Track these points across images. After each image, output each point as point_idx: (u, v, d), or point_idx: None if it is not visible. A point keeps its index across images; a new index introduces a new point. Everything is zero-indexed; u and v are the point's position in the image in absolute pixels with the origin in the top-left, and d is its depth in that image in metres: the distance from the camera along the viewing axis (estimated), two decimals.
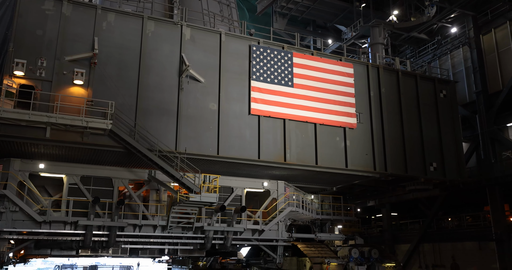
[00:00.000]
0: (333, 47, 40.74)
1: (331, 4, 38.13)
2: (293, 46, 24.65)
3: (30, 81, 18.46)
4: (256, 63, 22.90)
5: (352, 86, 24.97)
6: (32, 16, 19.25)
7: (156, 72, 20.91)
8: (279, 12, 38.80)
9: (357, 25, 36.64)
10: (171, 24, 21.77)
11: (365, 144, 24.90)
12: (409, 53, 40.70)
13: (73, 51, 19.46)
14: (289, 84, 23.37)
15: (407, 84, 27.19)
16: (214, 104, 21.67)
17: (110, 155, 19.67)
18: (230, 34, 23.11)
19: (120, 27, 20.75)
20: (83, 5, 20.40)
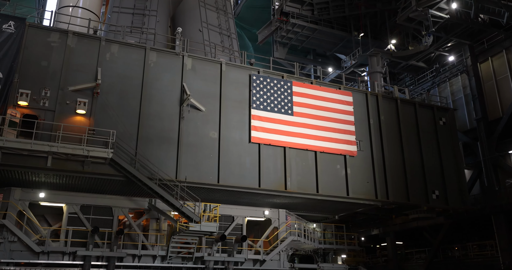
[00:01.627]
0: (333, 75, 41.30)
1: (330, 33, 38.88)
2: (292, 75, 25.03)
3: (33, 111, 18.76)
4: (256, 91, 23.21)
5: (352, 114, 25.19)
6: (37, 48, 19.75)
7: (158, 101, 21.21)
8: (280, 41, 39.50)
9: (356, 54, 37.23)
10: (173, 55, 22.22)
11: (366, 171, 24.90)
12: (408, 81, 41.17)
13: (76, 81, 19.83)
14: (289, 112, 23.61)
15: (406, 111, 27.42)
16: (215, 133, 21.85)
17: (111, 184, 19.73)
18: (230, 64, 23.53)
19: (123, 57, 21.19)
20: (88, 37, 20.92)
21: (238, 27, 48.02)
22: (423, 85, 38.58)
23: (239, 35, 47.28)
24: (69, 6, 25.79)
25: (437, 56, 36.79)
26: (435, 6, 30.70)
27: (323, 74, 41.84)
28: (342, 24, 39.79)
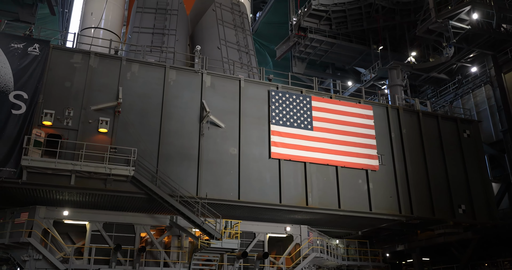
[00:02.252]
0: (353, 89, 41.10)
1: (348, 47, 38.86)
2: (311, 90, 25.01)
3: (57, 130, 19.17)
4: (275, 107, 23.26)
5: (373, 128, 24.95)
6: (61, 69, 20.26)
7: (178, 118, 21.43)
8: (298, 56, 39.69)
9: (375, 67, 37.03)
10: (192, 73, 22.50)
11: (389, 186, 24.52)
12: (430, 93, 40.64)
13: (98, 100, 20.23)
14: (309, 127, 23.53)
15: (428, 124, 27.03)
16: (235, 149, 21.91)
17: (132, 201, 19.91)
18: (249, 80, 23.68)
19: (144, 76, 21.56)
20: (109, 57, 21.38)
21: (257, 43, 48.51)
22: (445, 97, 38.03)
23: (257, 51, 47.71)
24: (91, 28, 26.45)
25: (459, 67, 36.26)
26: (455, 17, 30.41)
27: (342, 88, 41.74)
28: (360, 37, 39.75)
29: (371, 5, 36.85)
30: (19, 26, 30.23)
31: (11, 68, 18.99)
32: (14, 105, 18.42)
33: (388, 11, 37.47)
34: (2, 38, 19.44)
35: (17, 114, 18.35)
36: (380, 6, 36.74)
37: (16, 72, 18.96)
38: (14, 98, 18.51)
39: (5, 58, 19.02)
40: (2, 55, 19.04)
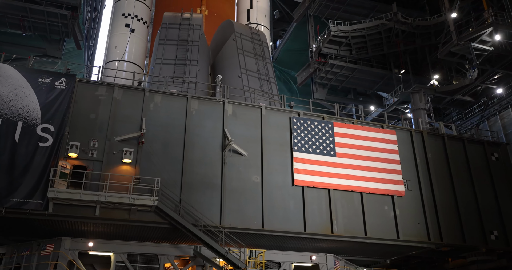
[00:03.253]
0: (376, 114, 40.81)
1: (369, 72, 38.82)
2: (333, 116, 24.93)
3: (82, 161, 19.50)
4: (297, 134, 23.22)
5: (397, 152, 24.59)
6: (86, 102, 20.78)
7: (200, 147, 21.57)
8: (319, 82, 39.80)
9: (397, 91, 36.78)
10: (214, 102, 22.76)
11: (416, 212, 23.93)
12: (455, 116, 40.00)
13: (122, 131, 20.57)
14: (332, 153, 23.34)
15: (454, 148, 26.48)
16: (257, 177, 21.84)
17: (156, 231, 19.90)
18: (270, 108, 23.79)
19: (166, 106, 21.90)
20: (133, 89, 21.86)
21: (278, 70, 48.95)
22: (471, 120, 37.33)
23: (279, 78, 48.19)
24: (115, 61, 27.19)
25: (484, 89, 35.70)
26: (477, 39, 30.20)
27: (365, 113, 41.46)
28: (381, 62, 39.71)
29: (391, 30, 36.92)
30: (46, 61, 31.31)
31: (39, 102, 19.57)
32: (41, 138, 18.88)
33: (408, 35, 37.44)
34: (30, 74, 20.12)
35: (44, 146, 18.78)
36: (400, 30, 36.77)
37: (43, 105, 19.52)
38: (41, 131, 18.99)
39: (33, 92, 19.64)
40: (31, 90, 19.67)
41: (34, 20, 32.52)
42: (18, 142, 18.44)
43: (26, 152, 18.39)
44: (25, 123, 18.91)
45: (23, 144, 18.47)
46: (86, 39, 41.34)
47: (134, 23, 33.67)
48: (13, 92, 19.30)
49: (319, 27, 41.09)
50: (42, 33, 34.07)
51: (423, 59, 39.56)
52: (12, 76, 19.74)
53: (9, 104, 19.04)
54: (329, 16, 40.80)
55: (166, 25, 28.47)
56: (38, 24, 33.03)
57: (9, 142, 18.30)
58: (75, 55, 42.29)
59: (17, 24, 32.65)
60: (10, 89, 19.33)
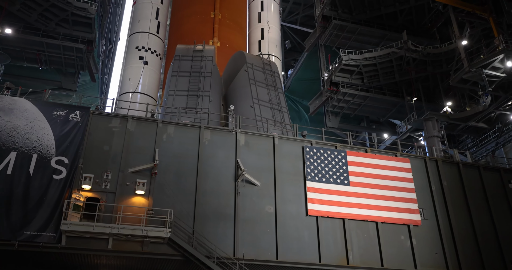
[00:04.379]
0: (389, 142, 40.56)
1: (382, 100, 38.80)
2: (346, 145, 24.83)
3: (96, 193, 19.55)
4: (310, 163, 23.11)
5: (412, 181, 24.27)
6: (100, 134, 21.01)
7: (213, 178, 21.54)
8: (331, 111, 39.81)
9: (410, 118, 36.63)
10: (226, 132, 22.86)
11: (433, 241, 23.39)
12: (470, 143, 39.58)
13: (135, 163, 20.68)
14: (345, 182, 23.13)
15: (470, 176, 26.06)
16: (271, 207, 21.65)
17: (169, 263, 19.69)
18: (282, 137, 23.80)
19: (179, 137, 22.03)
20: (146, 120, 22.10)
21: (290, 99, 49.24)
22: (486, 146, 36.91)
23: (291, 107, 48.39)
24: (129, 92, 27.61)
25: (498, 116, 35.40)
26: (489, 66, 30.19)
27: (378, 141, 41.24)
28: (393, 89, 39.73)
29: (402, 58, 37.09)
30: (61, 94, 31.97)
31: (54, 134, 19.84)
32: (55, 170, 19.04)
33: (419, 63, 37.55)
34: (46, 107, 20.49)
35: (58, 179, 18.91)
36: (411, 58, 36.92)
37: (58, 138, 19.77)
38: (55, 163, 19.17)
39: (48, 125, 19.94)
40: (46, 122, 19.98)
41: (50, 54, 33.46)
42: (32, 174, 18.61)
43: (40, 184, 18.52)
44: (39, 155, 19.13)
45: (37, 177, 18.63)
46: (101, 71, 42.22)
47: (147, 56, 34.40)
48: (28, 125, 19.63)
49: (330, 56, 41.49)
50: (57, 67, 34.94)
51: (435, 86, 39.49)
52: (28, 109, 20.12)
53: (25, 137, 19.33)
54: (340, 45, 41.22)
55: (179, 57, 28.99)
56: (54, 58, 33.93)
57: (23, 175, 18.49)
58: (89, 87, 43.12)
59: (34, 58, 33.59)
60: (26, 122, 19.67)
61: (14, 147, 18.97)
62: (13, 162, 18.63)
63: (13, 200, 17.92)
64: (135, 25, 36.85)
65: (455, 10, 34.89)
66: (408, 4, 39.66)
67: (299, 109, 51.76)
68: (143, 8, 37.33)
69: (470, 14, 34.21)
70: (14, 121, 19.56)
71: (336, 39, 41.07)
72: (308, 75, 47.47)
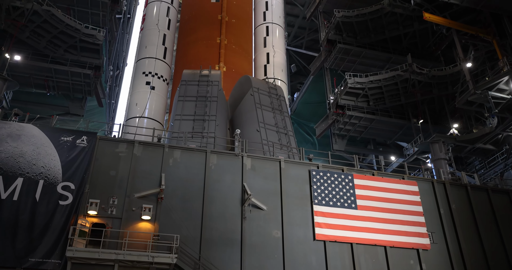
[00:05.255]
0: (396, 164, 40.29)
1: (388, 122, 38.74)
2: (352, 168, 24.71)
3: (102, 219, 19.49)
4: (317, 187, 22.97)
5: (420, 204, 24.01)
6: (107, 159, 21.09)
7: (220, 202, 21.43)
8: (338, 133, 39.73)
9: (417, 140, 36.47)
10: (233, 156, 22.86)
11: (443, 266, 22.97)
12: (478, 165, 39.22)
13: (142, 188, 20.66)
14: (353, 206, 22.92)
15: (478, 198, 25.75)
16: (278, 231, 21.44)
17: None
18: (289, 161, 23.75)
19: (185, 162, 22.05)
20: (152, 145, 22.18)
21: (296, 123, 49.30)
22: (495, 168, 36.54)
23: (297, 130, 48.42)
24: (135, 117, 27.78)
25: (506, 137, 35.09)
26: (494, 88, 30.14)
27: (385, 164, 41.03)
28: (399, 112, 39.70)
29: (407, 81, 37.18)
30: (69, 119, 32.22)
31: (60, 160, 19.95)
32: (62, 196, 19.06)
33: (425, 85, 37.61)
34: (53, 133, 20.67)
35: (64, 204, 18.92)
36: (416, 81, 37.00)
37: (64, 164, 19.87)
38: (61, 189, 19.22)
39: (55, 151, 20.07)
40: (53, 148, 20.11)
41: (58, 80, 33.91)
42: (38, 200, 18.64)
43: (46, 211, 18.51)
44: (46, 181, 19.19)
45: (43, 203, 18.65)
46: (108, 96, 42.66)
47: (154, 81, 34.78)
48: (35, 151, 19.76)
49: (335, 79, 41.67)
50: (65, 92, 35.37)
51: (441, 108, 39.44)
52: (36, 135, 20.29)
53: (31, 163, 19.43)
54: (345, 69, 41.47)
55: (186, 82, 29.27)
56: (62, 84, 34.40)
57: (30, 201, 18.51)
58: (97, 112, 43.50)
59: (42, 84, 34.07)
60: (33, 148, 19.81)
61: (21, 173, 19.07)
62: (20, 188, 18.71)
63: (19, 226, 17.91)
64: (142, 51, 37.39)
65: (459, 33, 35.13)
66: (412, 27, 40.01)
67: (306, 132, 51.76)
68: (150, 34, 37.95)
69: (474, 37, 34.42)
70: (21, 147, 19.70)
71: (341, 62, 41.38)
72: (314, 98, 47.66)
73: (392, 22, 40.01)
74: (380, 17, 39.38)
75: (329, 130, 40.23)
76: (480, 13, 34.31)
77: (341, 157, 38.51)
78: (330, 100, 40.05)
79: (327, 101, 41.08)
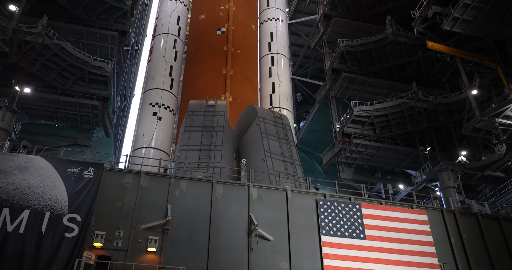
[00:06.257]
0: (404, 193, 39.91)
1: (395, 150, 38.58)
2: (360, 197, 24.47)
3: (107, 251, 19.28)
4: (324, 217, 22.70)
5: (429, 234, 23.57)
6: (113, 190, 21.04)
7: (226, 233, 21.19)
8: (345, 162, 39.57)
9: (425, 168, 36.19)
10: (239, 186, 22.75)
11: None
12: (488, 193, 38.72)
13: (148, 219, 20.51)
14: (361, 236, 22.56)
15: (490, 227, 25.24)
16: (285, 263, 21.06)
17: None
18: (296, 191, 23.58)
19: (191, 192, 21.94)
20: (159, 176, 22.16)
21: (302, 151, 49.22)
22: (506, 196, 36.01)
23: (304, 159, 48.29)
24: (142, 148, 27.91)
25: None
26: (501, 115, 30.09)
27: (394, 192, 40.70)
28: (406, 139, 39.60)
29: (413, 108, 37.24)
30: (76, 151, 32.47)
31: (67, 191, 19.91)
32: (68, 228, 18.94)
33: (431, 113, 37.62)
34: (60, 164, 20.74)
35: (70, 237, 18.76)
36: (422, 108, 37.05)
37: (71, 195, 19.83)
38: (67, 221, 19.10)
39: (62, 182, 20.09)
40: (60, 180, 20.14)
41: (66, 112, 34.29)
42: (44, 233, 18.51)
43: (52, 243, 18.36)
44: (52, 213, 19.13)
45: (49, 235, 18.52)
46: (115, 127, 43.01)
47: (161, 111, 35.13)
48: (42, 183, 19.79)
49: (341, 107, 41.84)
50: (73, 123, 35.70)
51: (448, 136, 39.30)
52: (43, 167, 20.37)
53: (38, 194, 19.43)
54: (350, 97, 41.68)
55: (192, 112, 29.50)
56: (70, 115, 34.77)
57: (35, 233, 18.40)
58: (104, 143, 43.77)
59: (50, 116, 34.44)
60: (40, 180, 19.85)
61: (27, 205, 19.04)
62: (26, 220, 18.62)
63: (24, 260, 17.73)
64: (150, 82, 37.92)
65: (463, 61, 35.35)
66: (416, 56, 40.38)
67: (312, 161, 51.60)
68: (157, 66, 38.58)
69: (478, 64, 34.62)
70: (28, 179, 19.76)
71: (346, 91, 41.65)
72: (320, 126, 47.76)
73: (396, 50, 40.45)
74: (384, 46, 39.85)
75: (336, 159, 40.09)
76: (483, 41, 34.64)
77: (348, 185, 38.23)
78: (336, 129, 40.09)
79: (333, 129, 41.11)
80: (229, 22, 42.76)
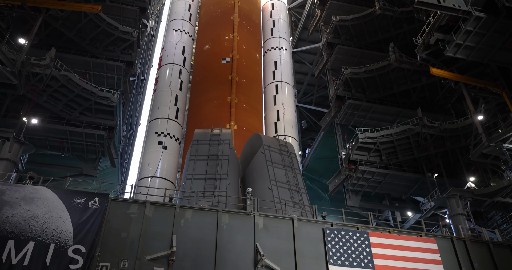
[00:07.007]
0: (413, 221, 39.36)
1: (402, 177, 38.19)
2: (367, 226, 24.11)
3: None
4: (331, 246, 22.34)
5: (440, 263, 23.05)
6: (118, 220, 20.92)
7: (232, 263, 20.85)
8: (351, 189, 39.19)
9: (433, 195, 35.73)
10: (245, 215, 22.53)
11: None
12: (499, 219, 38.01)
13: (152, 249, 20.27)
14: (370, 266, 22.10)
15: (502, 256, 24.64)
16: None
17: None
18: (302, 219, 23.30)
19: (197, 222, 21.74)
20: (164, 206, 22.03)
21: (308, 179, 48.93)
22: None
23: (310, 187, 47.95)
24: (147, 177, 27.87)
25: None
26: (508, 140, 29.87)
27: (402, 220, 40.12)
28: (413, 166, 39.24)
29: (419, 134, 37.09)
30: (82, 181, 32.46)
31: (72, 222, 19.84)
32: (72, 260, 18.75)
33: (437, 139, 37.42)
34: (66, 195, 20.74)
35: (74, 269, 18.56)
36: (428, 134, 36.89)
37: (76, 226, 19.73)
38: (72, 252, 18.94)
39: (67, 213, 20.02)
40: (65, 211, 20.09)
41: (72, 142, 34.47)
42: (49, 265, 18.33)
43: None
44: (57, 245, 18.98)
45: (53, 267, 18.33)
46: (121, 156, 43.11)
47: (166, 141, 35.24)
48: (48, 214, 19.73)
49: (346, 134, 41.79)
50: (79, 153, 35.83)
51: (456, 161, 38.94)
52: (49, 198, 20.36)
53: (43, 226, 19.34)
54: (355, 124, 41.65)
55: (197, 141, 29.56)
56: (76, 145, 34.92)
57: (40, 265, 18.22)
58: (110, 172, 43.79)
59: (57, 146, 34.61)
60: (46, 211, 19.80)
61: (32, 236, 18.93)
62: (31, 252, 18.48)
63: None
64: (155, 112, 38.21)
65: (467, 86, 35.31)
66: (420, 82, 40.52)
67: (319, 189, 51.21)
68: (162, 95, 38.95)
69: (483, 90, 34.56)
70: (34, 210, 19.71)
71: (351, 117, 41.67)
72: (326, 153, 47.58)
73: (400, 77, 40.64)
74: (388, 72, 40.08)
75: (342, 186, 39.75)
76: (487, 66, 34.72)
77: (356, 213, 37.74)
78: (342, 156, 39.88)
79: (339, 156, 40.92)
80: (234, 52, 43.33)
